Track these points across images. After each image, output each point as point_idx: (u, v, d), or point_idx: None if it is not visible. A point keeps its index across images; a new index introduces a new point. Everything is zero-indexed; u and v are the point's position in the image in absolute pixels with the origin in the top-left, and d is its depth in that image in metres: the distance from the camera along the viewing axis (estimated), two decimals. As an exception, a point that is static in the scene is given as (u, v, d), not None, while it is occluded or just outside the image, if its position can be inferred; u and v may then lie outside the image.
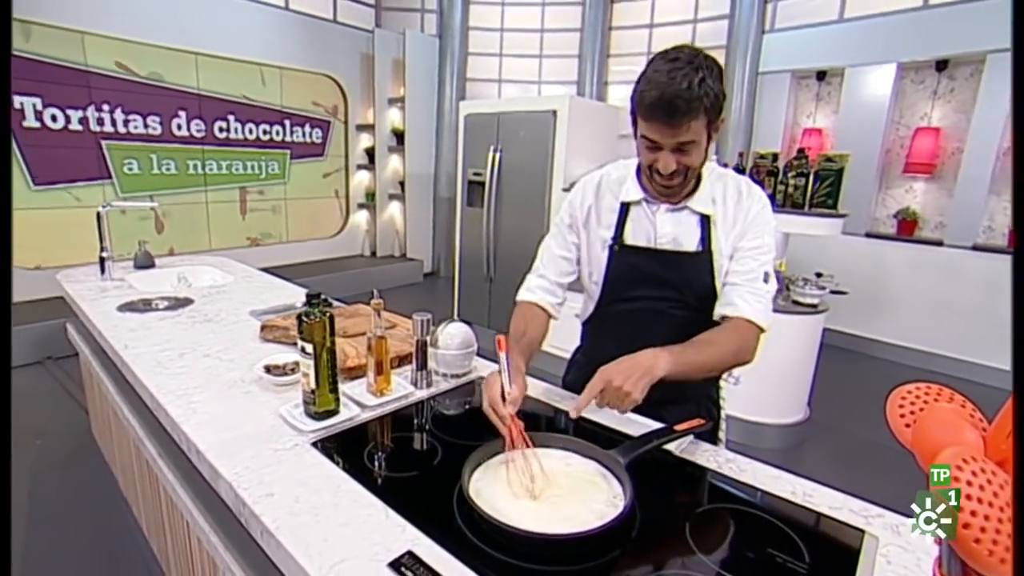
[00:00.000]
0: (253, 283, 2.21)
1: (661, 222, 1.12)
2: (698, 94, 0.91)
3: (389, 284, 5.95)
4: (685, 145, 0.97)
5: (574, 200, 1.23)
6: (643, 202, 1.13)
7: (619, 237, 1.15)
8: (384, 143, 6.10)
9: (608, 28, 6.00)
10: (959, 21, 3.99)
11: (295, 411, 1.07)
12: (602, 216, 1.18)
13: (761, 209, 1.10)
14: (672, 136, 0.96)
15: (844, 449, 2.90)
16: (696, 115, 0.93)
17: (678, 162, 0.99)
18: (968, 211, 4.15)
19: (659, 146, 0.99)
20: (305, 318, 1.01)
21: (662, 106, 0.92)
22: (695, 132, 0.95)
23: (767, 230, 1.10)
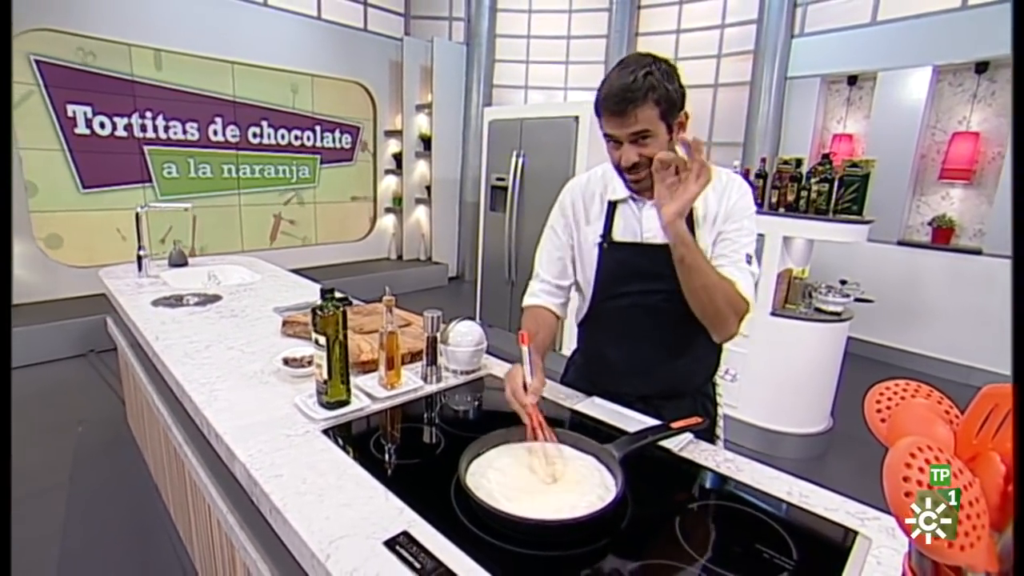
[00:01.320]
0: (279, 282, 2.30)
1: (647, 217, 1.14)
2: (642, 84, 0.97)
3: (414, 287, 6.06)
4: (640, 137, 1.02)
5: (564, 201, 1.27)
6: (629, 200, 1.16)
7: (607, 235, 1.19)
8: (411, 148, 6.23)
9: (635, 34, 6.00)
10: (1000, 21, 3.86)
11: (309, 400, 1.13)
12: (590, 215, 1.22)
13: (741, 195, 1.13)
14: (624, 126, 1.01)
15: (869, 460, 2.81)
16: (642, 104, 0.98)
17: (639, 155, 1.03)
18: (1010, 218, 3.98)
19: (618, 140, 1.04)
20: (319, 312, 1.07)
21: (610, 99, 1.00)
22: (645, 121, 0.99)
23: (747, 215, 1.13)
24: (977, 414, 0.51)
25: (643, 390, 1.22)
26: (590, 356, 1.23)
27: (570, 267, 1.27)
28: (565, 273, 1.28)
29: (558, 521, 0.75)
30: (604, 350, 1.24)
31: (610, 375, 1.25)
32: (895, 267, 4.33)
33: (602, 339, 1.24)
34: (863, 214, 2.63)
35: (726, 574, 0.71)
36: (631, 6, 5.87)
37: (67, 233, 4.09)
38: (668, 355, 1.20)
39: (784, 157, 2.92)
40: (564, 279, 1.28)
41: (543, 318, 1.25)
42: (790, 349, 2.76)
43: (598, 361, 1.26)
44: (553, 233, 1.29)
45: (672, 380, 1.23)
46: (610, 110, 1.01)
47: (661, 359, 1.20)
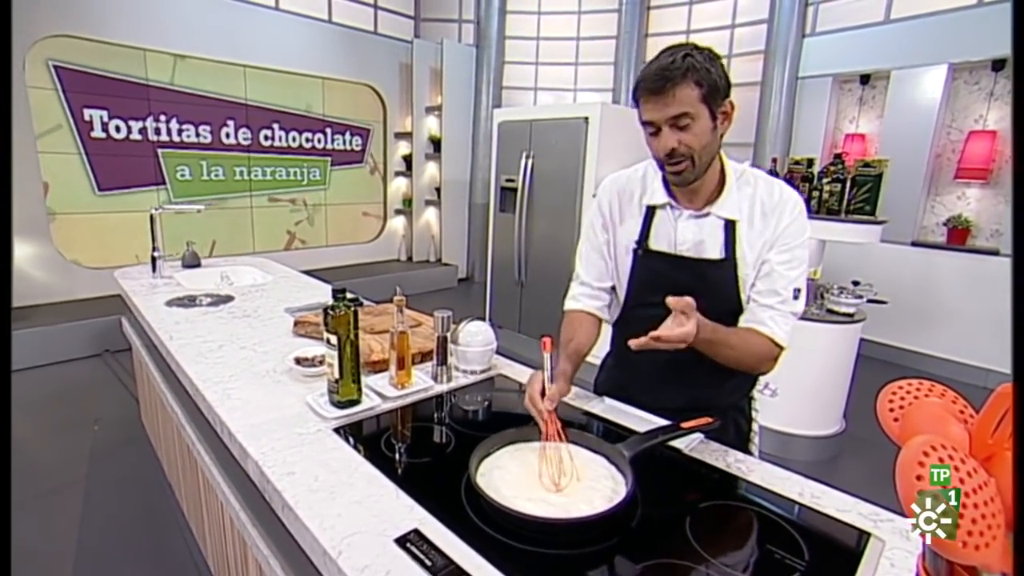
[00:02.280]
0: (290, 283, 2.32)
1: (682, 228, 1.09)
2: (681, 65, 0.93)
3: (424, 288, 6.08)
4: (679, 119, 0.95)
5: (601, 199, 1.22)
6: (668, 206, 1.11)
7: (644, 241, 1.14)
8: (421, 150, 6.25)
9: (644, 35, 5.98)
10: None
11: (320, 399, 1.14)
12: (627, 217, 1.17)
13: (795, 218, 1.05)
14: (663, 107, 0.95)
15: (881, 463, 2.77)
16: (681, 82, 0.93)
17: (679, 141, 0.97)
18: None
19: (657, 127, 0.98)
20: (331, 311, 1.08)
21: (648, 79, 0.96)
22: (685, 102, 0.94)
23: (800, 241, 1.05)
24: (992, 413, 0.51)
25: (676, 402, 1.17)
26: (622, 361, 1.21)
27: (610, 267, 1.22)
28: (607, 274, 1.23)
29: (568, 520, 0.75)
30: (637, 357, 1.20)
31: (642, 384, 1.22)
32: (909, 268, 4.28)
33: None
34: (876, 214, 2.61)
35: (737, 575, 0.70)
36: (641, 7, 5.85)
37: (83, 235, 4.16)
38: (702, 368, 1.09)
39: (795, 157, 2.90)
40: (606, 281, 1.23)
41: (583, 322, 1.20)
42: (802, 351, 2.73)
43: (631, 368, 1.23)
44: (592, 232, 1.24)
45: (706, 394, 1.18)
46: (648, 89, 0.96)
47: (695, 372, 1.13)
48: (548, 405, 0.96)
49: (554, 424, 0.94)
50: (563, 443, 0.92)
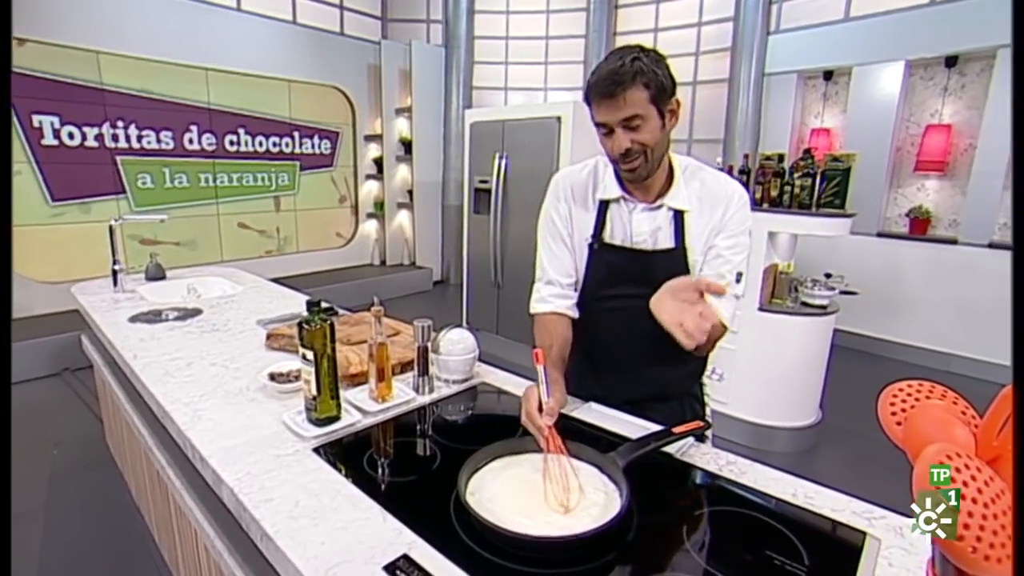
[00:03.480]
0: (261, 293, 2.24)
1: (637, 221, 1.12)
2: (629, 68, 0.96)
3: (398, 292, 5.99)
4: (631, 120, 0.99)
5: (557, 194, 1.22)
6: (621, 200, 1.14)
7: (599, 235, 1.16)
8: (392, 153, 6.16)
9: (613, 33, 6.02)
10: (969, 16, 3.95)
11: (297, 417, 1.09)
12: (582, 211, 1.18)
13: (740, 207, 1.11)
14: (615, 110, 0.99)
15: (858, 452, 2.85)
16: (631, 86, 0.96)
17: (632, 140, 1.01)
18: (983, 208, 4.07)
19: (610, 127, 1.02)
20: (306, 325, 1.03)
21: (599, 83, 0.99)
22: (635, 104, 0.98)
23: (744, 228, 1.11)
24: (997, 415, 0.50)
25: (630, 393, 1.21)
26: (580, 357, 1.21)
27: (575, 259, 1.21)
28: (572, 269, 1.21)
29: (563, 538, 0.72)
30: (590, 351, 1.22)
31: (596, 377, 1.23)
32: (875, 258, 4.40)
33: (589, 340, 1.21)
34: (846, 207, 2.66)
35: (739, 584, 0.69)
36: (608, 6, 5.89)
37: (36, 248, 3.95)
38: (655, 359, 1.17)
39: (766, 153, 2.94)
40: (573, 275, 1.22)
41: (556, 327, 1.18)
42: (778, 344, 2.77)
43: (584, 362, 1.23)
44: (552, 226, 1.22)
45: (660, 383, 1.22)
46: (600, 94, 0.99)
47: (648, 363, 1.18)
48: (547, 420, 0.93)
49: (555, 440, 0.91)
50: (566, 458, 0.89)
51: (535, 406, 0.96)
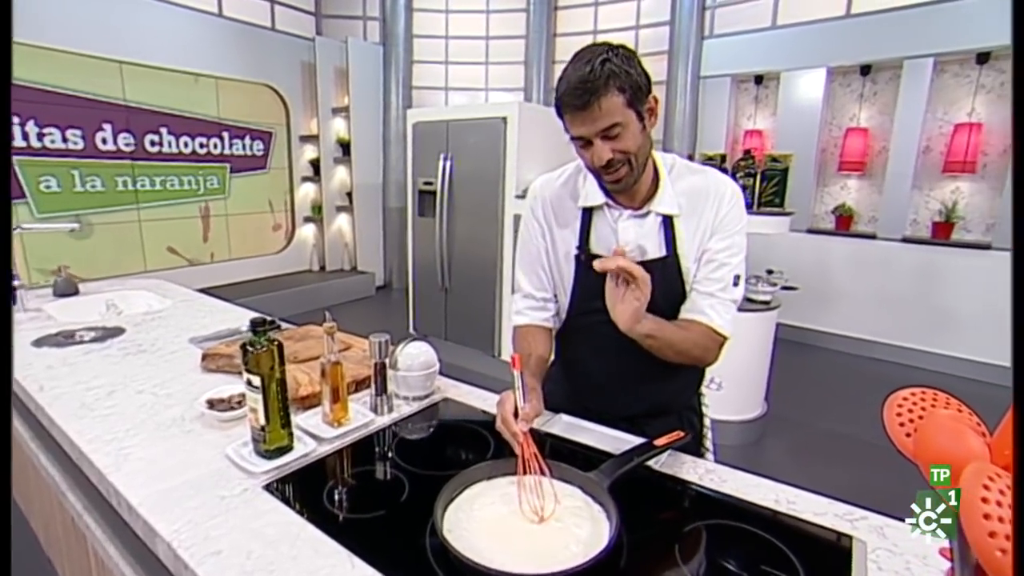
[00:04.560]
0: (193, 307, 2.05)
1: (623, 229, 1.06)
2: (600, 73, 0.88)
3: (340, 299, 5.76)
4: (610, 130, 0.92)
5: (534, 205, 1.17)
6: (605, 207, 1.08)
7: (584, 245, 1.10)
8: (329, 154, 5.91)
9: (553, 35, 6.05)
10: (879, 29, 4.25)
11: (243, 450, 0.97)
12: (563, 222, 1.13)
13: (733, 205, 1.05)
14: (591, 122, 0.92)
15: (802, 440, 2.98)
16: (604, 93, 0.89)
17: (613, 150, 0.94)
18: (896, 206, 4.39)
19: (588, 140, 0.95)
20: (250, 348, 0.92)
21: (570, 94, 0.91)
22: (612, 112, 0.90)
23: (739, 228, 1.05)
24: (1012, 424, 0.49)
25: (629, 409, 1.15)
26: (571, 371, 1.15)
27: (551, 275, 1.16)
28: (548, 284, 1.17)
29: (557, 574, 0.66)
30: (586, 366, 1.16)
31: (593, 393, 1.17)
32: (806, 254, 4.65)
33: (584, 354, 1.16)
34: (784, 206, 2.77)
35: (740, 607, 0.66)
36: (548, 7, 5.91)
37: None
38: (654, 372, 1.11)
39: (708, 153, 3.02)
40: (549, 290, 1.17)
41: (535, 335, 1.13)
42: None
43: (580, 377, 1.18)
44: (529, 239, 1.17)
45: (659, 397, 1.17)
46: (572, 106, 0.91)
47: (647, 376, 1.12)
48: (523, 427, 0.88)
49: (530, 447, 0.86)
50: (542, 467, 0.84)
51: (511, 411, 0.90)
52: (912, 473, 1.95)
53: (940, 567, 0.74)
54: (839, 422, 3.21)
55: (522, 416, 0.89)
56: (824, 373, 4.15)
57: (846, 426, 3.15)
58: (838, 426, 3.15)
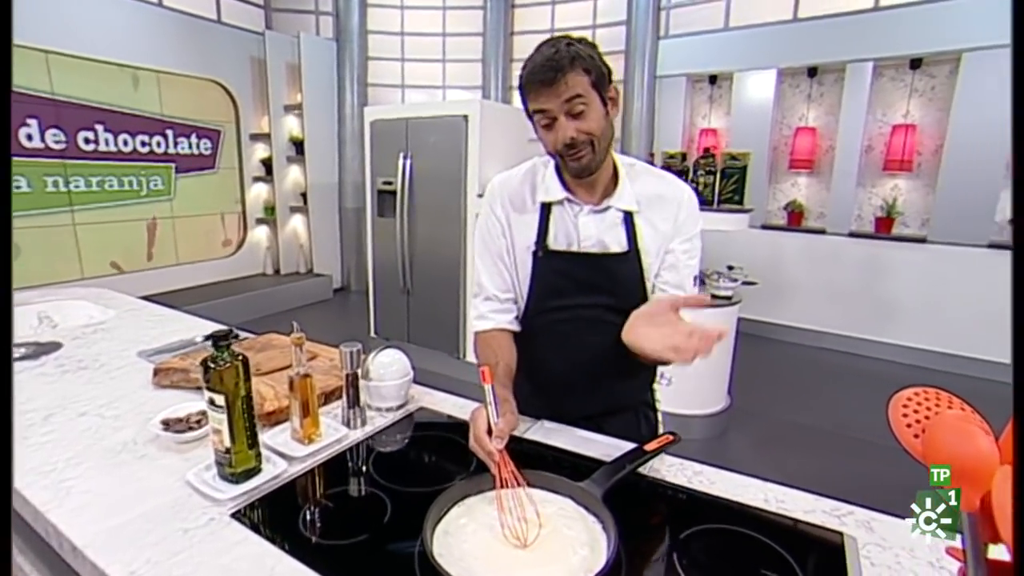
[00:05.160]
0: (140, 317, 1.91)
1: (583, 224, 1.06)
2: (567, 54, 0.91)
3: (296, 303, 5.56)
4: (574, 106, 0.93)
5: (493, 204, 1.14)
6: (565, 202, 1.07)
7: (542, 241, 1.08)
8: (282, 153, 5.69)
9: (510, 33, 6.02)
10: (823, 33, 4.43)
11: (206, 474, 0.90)
12: (522, 218, 1.11)
13: (692, 208, 1.09)
14: (555, 96, 0.93)
15: (764, 431, 3.07)
16: (571, 69, 0.91)
17: (576, 129, 0.95)
18: (842, 202, 4.60)
19: (551, 115, 0.95)
20: (212, 364, 0.84)
21: (537, 71, 0.93)
22: (577, 86, 0.92)
23: (697, 231, 1.09)
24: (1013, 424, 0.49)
25: (587, 408, 1.15)
26: (530, 372, 1.13)
27: (512, 273, 1.14)
28: (512, 283, 1.14)
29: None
30: (543, 366, 1.14)
31: (549, 393, 1.16)
32: (761, 249, 4.80)
33: (542, 354, 1.14)
34: (744, 203, 2.84)
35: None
36: (505, 5, 5.88)
37: None
38: (611, 370, 1.13)
39: (669, 151, 3.06)
40: (512, 291, 1.15)
41: (500, 343, 1.10)
42: (690, 335, 2.89)
43: (539, 377, 1.15)
44: (489, 240, 1.14)
45: (614, 396, 1.17)
46: (538, 80, 0.92)
47: (605, 374, 1.13)
48: (498, 444, 0.84)
49: (508, 466, 0.82)
50: (521, 488, 0.80)
51: (484, 429, 0.87)
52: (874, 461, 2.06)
53: (927, 559, 0.76)
54: (798, 412, 3.32)
55: (496, 433, 0.85)
56: (781, 365, 4.29)
57: (805, 416, 3.27)
58: (798, 416, 3.26)
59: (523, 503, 0.78)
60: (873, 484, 2.41)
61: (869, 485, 1.87)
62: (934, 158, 4.30)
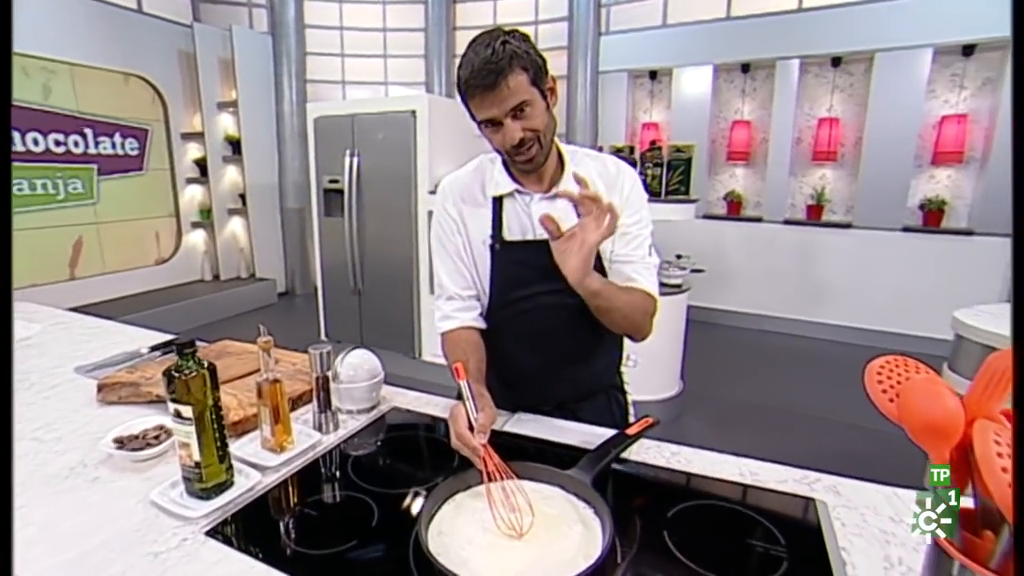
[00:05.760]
0: (71, 331, 1.76)
1: (536, 212, 1.06)
2: (503, 53, 0.90)
3: (239, 309, 5.32)
4: (518, 109, 0.94)
5: (445, 204, 1.14)
6: (515, 194, 1.09)
7: (498, 234, 1.09)
8: (217, 153, 5.40)
9: (452, 28, 5.97)
10: (755, 31, 4.65)
11: (172, 493, 0.84)
12: (476, 213, 1.12)
13: (635, 184, 1.12)
14: (500, 102, 0.93)
15: (717, 413, 3.21)
16: (510, 72, 0.91)
17: (523, 129, 0.96)
18: (777, 191, 4.86)
19: (497, 120, 0.95)
20: (177, 373, 0.79)
21: (476, 76, 0.92)
22: (519, 90, 0.93)
23: (643, 203, 1.12)
24: (983, 383, 0.53)
25: (559, 396, 1.16)
26: (497, 367, 1.13)
27: (472, 271, 1.14)
28: (473, 280, 1.14)
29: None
30: (512, 358, 1.14)
31: (521, 384, 1.16)
32: (705, 237, 5.00)
33: (509, 347, 1.14)
34: (689, 193, 2.94)
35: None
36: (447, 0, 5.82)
37: None
38: (580, 356, 1.15)
39: (617, 145, 3.13)
40: (474, 288, 1.15)
41: (468, 339, 1.10)
42: (645, 323, 2.98)
43: (507, 371, 1.15)
44: (445, 239, 1.14)
45: (585, 380, 1.19)
46: (479, 86, 0.91)
47: (574, 361, 1.15)
48: (481, 439, 0.84)
49: (493, 459, 0.82)
50: (508, 479, 0.80)
51: (465, 425, 0.86)
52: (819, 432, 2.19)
53: (887, 515, 0.82)
54: (747, 392, 3.49)
55: (478, 428, 0.85)
56: (727, 348, 4.50)
57: (753, 395, 3.44)
58: (746, 396, 3.43)
59: (513, 494, 0.77)
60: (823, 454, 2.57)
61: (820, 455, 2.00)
62: (855, 149, 4.62)
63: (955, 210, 4.36)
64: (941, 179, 4.43)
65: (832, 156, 4.67)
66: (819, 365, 4.15)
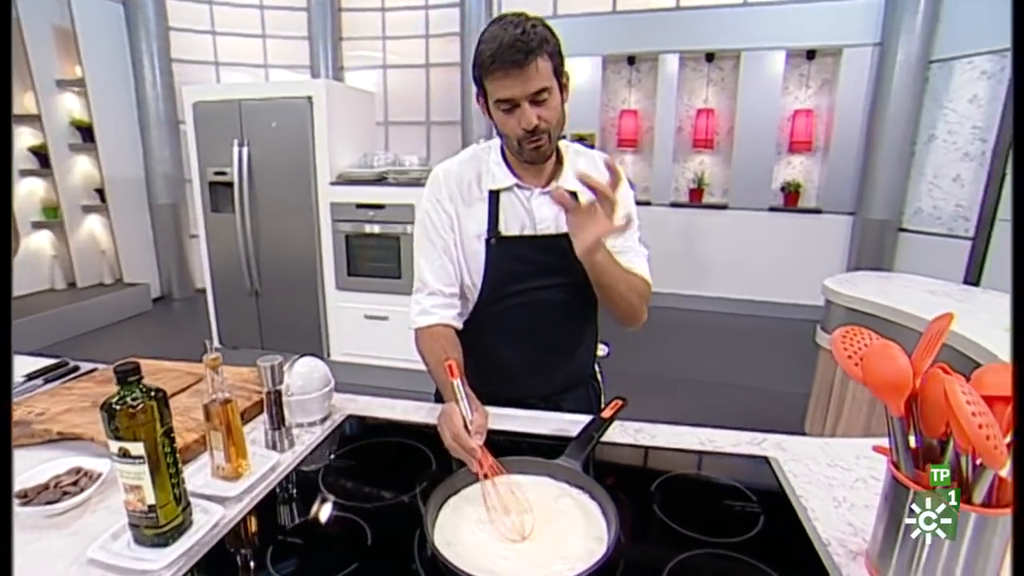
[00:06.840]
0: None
1: (538, 206, 1.07)
2: (534, 35, 0.90)
3: (107, 320, 4.68)
4: (539, 95, 0.93)
5: (439, 195, 1.10)
6: (515, 188, 1.07)
7: (494, 229, 1.07)
8: (62, 140, 4.64)
9: (338, 9, 5.64)
10: (638, 26, 4.94)
11: (115, 545, 0.73)
12: (470, 208, 1.09)
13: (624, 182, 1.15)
14: (525, 81, 0.91)
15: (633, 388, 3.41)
16: (539, 54, 0.91)
17: (539, 116, 0.95)
18: (663, 176, 5.24)
19: (515, 102, 0.94)
20: (119, 406, 0.69)
21: (505, 52, 0.89)
22: (544, 75, 0.92)
23: (631, 201, 1.16)
24: (924, 344, 0.63)
25: (544, 389, 1.18)
26: (482, 363, 1.12)
27: (459, 268, 1.11)
28: (456, 278, 1.11)
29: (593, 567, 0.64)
30: (500, 354, 1.14)
31: (507, 380, 1.16)
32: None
33: (497, 343, 1.14)
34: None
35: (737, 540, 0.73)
36: (330, -22, 5.48)
37: None
38: (565, 349, 1.18)
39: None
40: (456, 286, 1.12)
41: (448, 338, 1.06)
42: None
43: (493, 367, 1.15)
44: (434, 233, 1.10)
45: (570, 373, 1.22)
46: (508, 62, 0.89)
47: (559, 352, 1.17)
48: (478, 440, 0.82)
49: (488, 460, 0.81)
50: (505, 477, 0.80)
51: (461, 426, 0.84)
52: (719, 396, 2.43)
53: (827, 462, 0.94)
54: (653, 366, 3.77)
55: (475, 429, 0.83)
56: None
57: (659, 368, 3.72)
58: (647, 368, 3.69)
59: (511, 494, 0.76)
60: (723, 413, 2.86)
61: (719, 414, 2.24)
62: (728, 137, 5.11)
63: (807, 191, 5.03)
64: (796, 165, 5.06)
65: (710, 144, 5.13)
66: (706, 335, 4.59)
